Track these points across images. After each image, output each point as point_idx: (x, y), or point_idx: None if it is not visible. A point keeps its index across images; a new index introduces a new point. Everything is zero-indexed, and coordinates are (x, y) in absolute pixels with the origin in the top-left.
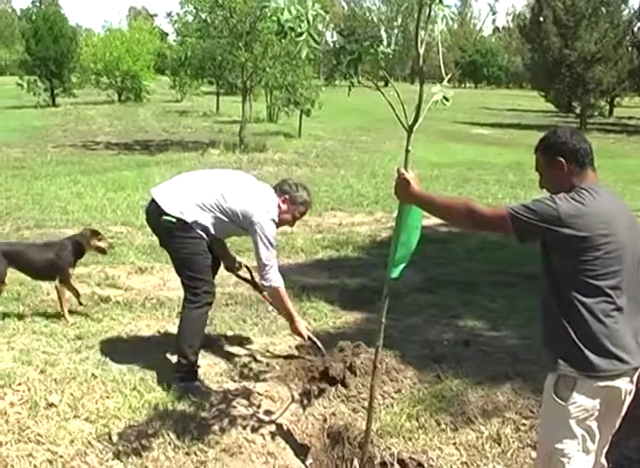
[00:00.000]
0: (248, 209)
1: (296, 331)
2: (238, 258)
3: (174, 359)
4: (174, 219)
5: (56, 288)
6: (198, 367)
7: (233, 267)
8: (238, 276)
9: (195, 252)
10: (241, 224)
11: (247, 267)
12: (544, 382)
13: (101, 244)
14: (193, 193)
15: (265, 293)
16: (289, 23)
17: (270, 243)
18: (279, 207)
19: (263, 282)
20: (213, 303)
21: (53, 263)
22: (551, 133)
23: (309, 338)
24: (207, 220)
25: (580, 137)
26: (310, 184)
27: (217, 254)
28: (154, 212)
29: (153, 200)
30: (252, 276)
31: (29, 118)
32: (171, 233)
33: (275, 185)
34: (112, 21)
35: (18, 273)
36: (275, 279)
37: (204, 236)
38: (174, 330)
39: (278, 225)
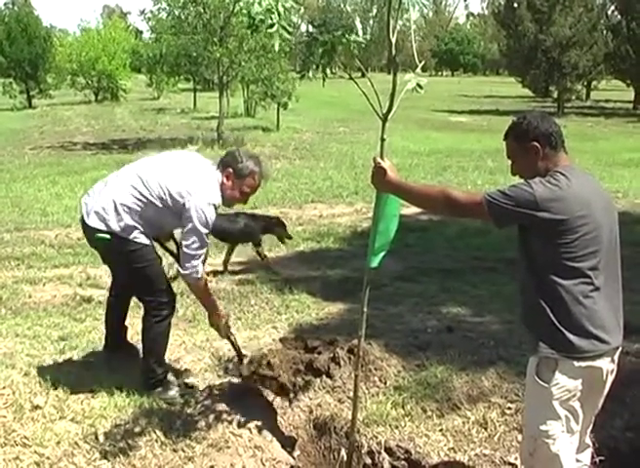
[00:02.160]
0: (182, 192)
1: (213, 325)
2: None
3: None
4: (107, 236)
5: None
6: (167, 373)
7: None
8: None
9: (142, 263)
10: (178, 212)
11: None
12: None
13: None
14: (115, 196)
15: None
16: (259, 16)
17: (203, 232)
18: (223, 184)
19: (183, 271)
20: (174, 309)
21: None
22: (521, 118)
23: (228, 338)
24: (140, 223)
25: (550, 121)
26: (290, 177)
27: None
28: (86, 229)
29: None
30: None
31: (6, 121)
32: (109, 249)
33: (219, 159)
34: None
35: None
36: (197, 270)
37: (145, 241)
38: None
39: (228, 204)
